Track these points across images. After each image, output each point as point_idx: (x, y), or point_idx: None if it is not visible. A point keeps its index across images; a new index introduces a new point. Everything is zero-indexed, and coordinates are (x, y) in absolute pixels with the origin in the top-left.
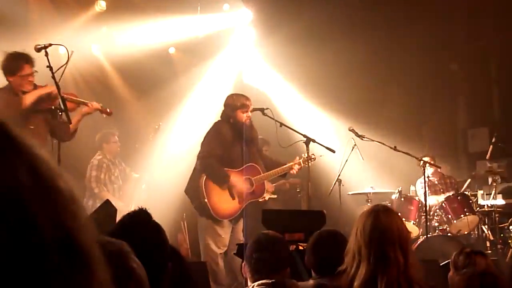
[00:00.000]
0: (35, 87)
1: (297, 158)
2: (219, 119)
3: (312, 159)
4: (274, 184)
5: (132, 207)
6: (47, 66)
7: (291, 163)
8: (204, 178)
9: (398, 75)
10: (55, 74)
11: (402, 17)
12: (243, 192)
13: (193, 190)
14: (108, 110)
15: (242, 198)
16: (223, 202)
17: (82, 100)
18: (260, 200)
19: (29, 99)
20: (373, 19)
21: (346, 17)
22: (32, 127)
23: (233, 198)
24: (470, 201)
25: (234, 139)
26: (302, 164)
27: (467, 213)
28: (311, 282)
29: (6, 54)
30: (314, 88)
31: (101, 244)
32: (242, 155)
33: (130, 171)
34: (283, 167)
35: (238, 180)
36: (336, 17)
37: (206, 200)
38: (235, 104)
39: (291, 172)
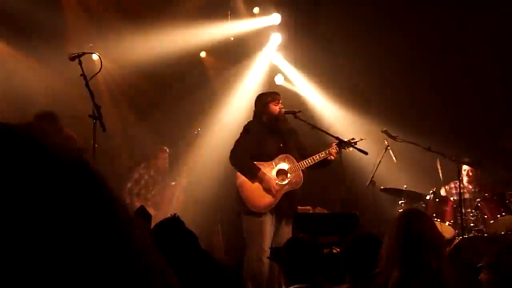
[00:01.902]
0: None
1: (334, 143)
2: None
3: (352, 144)
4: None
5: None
6: (81, 75)
7: (327, 150)
8: (238, 174)
9: (431, 77)
10: (88, 82)
11: (432, 19)
12: (275, 184)
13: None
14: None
15: (277, 190)
16: (258, 195)
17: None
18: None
19: None
20: (404, 22)
21: (375, 20)
22: None
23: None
24: (507, 201)
25: (267, 134)
26: (340, 149)
27: (503, 213)
28: (345, 286)
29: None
30: (346, 92)
31: None
32: (278, 147)
33: (170, 180)
34: (319, 154)
35: (271, 172)
36: (366, 21)
37: (241, 193)
38: (265, 99)
39: (330, 158)
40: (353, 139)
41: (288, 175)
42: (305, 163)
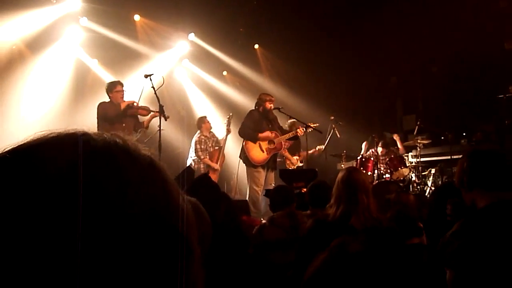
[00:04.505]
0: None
1: (300, 126)
2: (253, 108)
3: (311, 128)
4: (310, 152)
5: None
6: (152, 87)
7: (297, 130)
8: (244, 141)
9: (360, 84)
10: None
11: (363, 48)
12: (267, 147)
13: (242, 150)
14: (166, 115)
15: (268, 151)
16: (257, 154)
17: (151, 110)
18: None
19: (122, 105)
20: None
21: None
22: (124, 125)
23: (263, 151)
24: (404, 159)
25: (262, 118)
26: (305, 130)
27: (402, 167)
28: (308, 212)
29: (107, 82)
30: (308, 92)
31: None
32: (268, 127)
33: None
34: (292, 132)
35: (264, 141)
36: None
37: (246, 153)
38: (265, 98)
39: (298, 134)
40: (312, 123)
41: (275, 142)
42: (283, 137)
